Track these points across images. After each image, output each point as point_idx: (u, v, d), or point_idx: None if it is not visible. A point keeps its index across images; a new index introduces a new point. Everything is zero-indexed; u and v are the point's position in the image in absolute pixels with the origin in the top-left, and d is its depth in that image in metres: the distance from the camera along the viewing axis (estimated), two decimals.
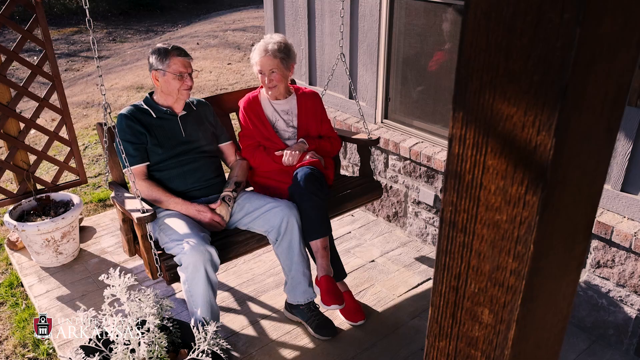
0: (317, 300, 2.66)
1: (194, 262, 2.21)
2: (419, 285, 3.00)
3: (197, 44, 9.17)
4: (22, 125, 3.30)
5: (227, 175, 2.78)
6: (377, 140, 2.99)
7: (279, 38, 2.68)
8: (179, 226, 2.34)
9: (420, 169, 3.21)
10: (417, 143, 3.20)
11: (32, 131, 3.41)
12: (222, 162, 2.83)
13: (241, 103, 2.83)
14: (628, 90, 0.60)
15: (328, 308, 2.48)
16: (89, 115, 6.11)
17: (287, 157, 2.67)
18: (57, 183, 3.48)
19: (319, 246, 2.53)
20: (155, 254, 2.30)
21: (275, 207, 2.47)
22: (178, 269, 2.29)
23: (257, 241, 2.53)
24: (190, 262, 2.21)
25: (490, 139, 0.57)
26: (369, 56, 3.38)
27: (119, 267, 2.15)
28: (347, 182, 3.01)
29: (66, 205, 3.27)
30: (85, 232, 3.57)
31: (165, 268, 2.30)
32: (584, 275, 2.56)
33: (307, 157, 2.71)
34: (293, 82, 3.08)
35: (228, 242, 2.47)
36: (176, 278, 2.32)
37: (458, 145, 0.60)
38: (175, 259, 2.29)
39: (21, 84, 3.19)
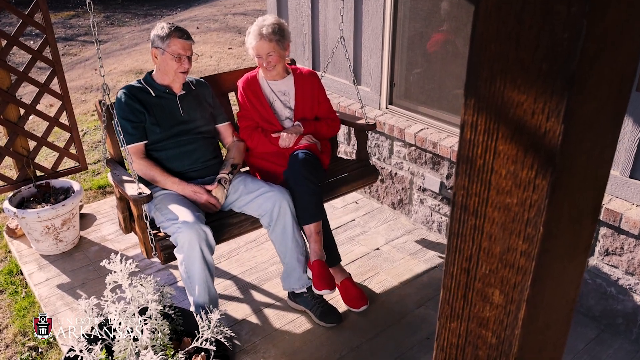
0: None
1: (189, 241, 2.25)
2: (424, 273, 2.98)
3: (197, 28, 9.11)
4: (22, 111, 3.29)
5: (224, 155, 2.80)
6: (374, 125, 3.01)
7: (272, 19, 2.67)
8: (175, 205, 2.38)
9: (425, 155, 3.19)
10: (422, 129, 3.19)
11: (30, 116, 3.40)
12: (220, 143, 2.84)
13: (240, 83, 2.83)
14: (633, 79, 0.62)
15: (319, 292, 2.50)
16: (87, 101, 6.08)
17: (284, 139, 2.69)
18: (57, 170, 3.47)
19: (312, 230, 2.55)
20: (150, 234, 2.34)
21: (268, 192, 2.50)
22: (175, 251, 2.32)
23: (252, 223, 2.57)
24: (185, 241, 2.25)
25: (501, 125, 0.59)
26: (373, 41, 3.36)
27: (119, 254, 2.16)
28: (343, 165, 3.04)
29: (66, 192, 3.27)
30: (85, 220, 3.57)
31: (160, 248, 2.35)
32: (593, 263, 2.54)
33: (304, 140, 2.73)
34: (293, 62, 3.08)
35: (222, 223, 2.51)
36: (170, 258, 2.37)
37: (470, 131, 0.62)
38: (171, 238, 2.33)
39: (19, 69, 3.17)
